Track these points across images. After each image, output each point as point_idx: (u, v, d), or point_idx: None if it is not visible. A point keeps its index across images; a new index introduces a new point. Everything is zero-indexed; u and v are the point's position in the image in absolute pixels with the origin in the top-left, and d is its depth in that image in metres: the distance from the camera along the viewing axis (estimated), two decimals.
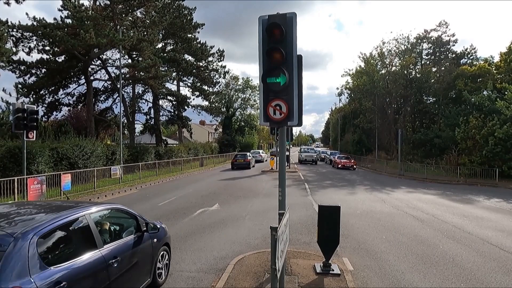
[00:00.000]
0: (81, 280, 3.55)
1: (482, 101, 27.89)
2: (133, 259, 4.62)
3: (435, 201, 14.96)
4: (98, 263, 3.84)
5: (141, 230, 4.96)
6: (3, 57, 16.50)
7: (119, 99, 26.32)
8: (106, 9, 25.95)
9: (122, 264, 4.28)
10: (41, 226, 3.38)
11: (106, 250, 4.06)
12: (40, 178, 12.98)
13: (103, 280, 3.88)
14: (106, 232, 4.46)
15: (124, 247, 4.46)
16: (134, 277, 4.65)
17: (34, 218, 3.67)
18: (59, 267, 3.32)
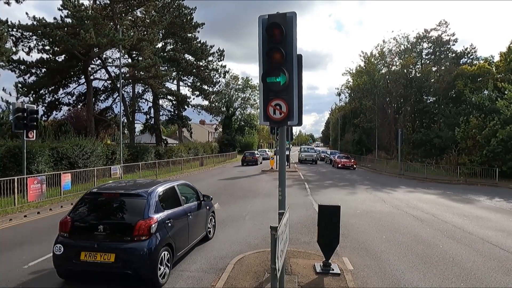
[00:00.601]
0: (177, 219, 6.25)
1: (482, 100, 27.87)
2: (197, 217, 7.27)
3: (435, 201, 14.96)
4: (183, 213, 6.61)
5: (199, 199, 7.65)
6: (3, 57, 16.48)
7: (119, 98, 26.32)
8: (106, 9, 25.94)
9: (193, 218, 6.95)
10: (157, 189, 6.08)
11: (185, 206, 6.82)
12: (40, 177, 12.98)
13: (185, 223, 6.60)
14: (184, 197, 7.04)
15: (193, 207, 7.19)
16: (198, 229, 7.35)
17: (151, 185, 6.21)
18: (168, 211, 6.02)
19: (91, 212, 5.75)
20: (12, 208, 11.26)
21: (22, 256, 6.88)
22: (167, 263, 5.71)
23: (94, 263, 5.13)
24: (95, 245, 5.20)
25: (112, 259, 5.12)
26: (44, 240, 8.08)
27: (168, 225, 5.85)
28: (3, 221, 10.02)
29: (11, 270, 6.16)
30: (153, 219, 5.49)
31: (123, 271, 5.15)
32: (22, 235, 8.60)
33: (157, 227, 5.50)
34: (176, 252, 6.08)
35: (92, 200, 5.89)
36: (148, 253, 5.23)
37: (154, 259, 5.32)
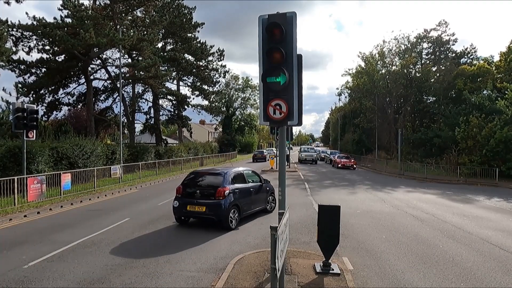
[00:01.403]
0: (242, 191, 9.63)
1: (482, 100, 27.87)
2: (258, 193, 10.64)
3: (435, 201, 14.96)
4: (247, 188, 10.02)
5: (261, 182, 11.02)
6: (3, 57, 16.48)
7: (119, 98, 26.32)
8: (106, 9, 25.92)
9: (255, 193, 10.40)
10: (230, 171, 9.76)
11: (250, 185, 10.25)
12: (40, 177, 12.98)
13: (248, 195, 10.00)
14: (250, 179, 10.52)
15: (255, 185, 10.55)
16: (259, 201, 10.73)
17: (228, 170, 9.89)
18: (236, 185, 9.49)
19: (192, 183, 9.77)
20: (12, 208, 11.26)
21: (22, 256, 6.88)
22: (236, 216, 9.32)
23: (194, 211, 9.16)
24: (195, 201, 9.14)
25: (204, 209, 8.99)
26: (44, 240, 8.09)
27: (237, 193, 9.44)
28: (3, 221, 10.02)
29: (11, 270, 6.16)
30: (226, 188, 9.13)
31: (210, 216, 9.08)
32: (22, 235, 8.60)
33: (229, 193, 9.12)
34: (241, 211, 9.68)
35: (193, 176, 10.12)
36: (223, 207, 8.89)
37: (227, 211, 8.96)
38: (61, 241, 7.87)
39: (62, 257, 6.88)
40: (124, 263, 6.56)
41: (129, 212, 11.50)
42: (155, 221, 10.06)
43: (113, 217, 10.58)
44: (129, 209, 11.99)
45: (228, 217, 8.94)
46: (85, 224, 9.68)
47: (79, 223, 9.86)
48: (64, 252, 7.16)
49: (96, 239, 8.16)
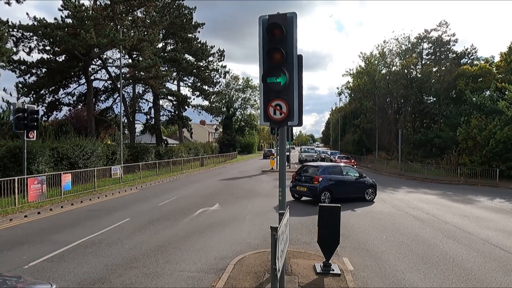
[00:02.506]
0: (336, 181, 13.60)
1: (483, 101, 27.85)
2: (354, 184, 14.04)
3: (436, 201, 14.95)
4: (341, 178, 13.89)
5: (360, 177, 14.35)
6: (4, 57, 16.49)
7: (119, 99, 26.31)
8: (106, 9, 25.93)
9: (350, 183, 13.98)
10: (326, 165, 15.24)
11: (345, 176, 14.06)
12: (40, 178, 12.98)
13: (343, 183, 13.80)
14: (351, 173, 14.34)
15: (350, 178, 14.14)
16: (354, 190, 14.01)
17: (325, 163, 17.35)
18: (331, 175, 13.61)
19: (301, 171, 14.30)
20: (12, 208, 11.26)
21: (22, 256, 6.88)
22: (327, 197, 12.95)
23: (299, 191, 13.86)
24: (301, 184, 13.69)
25: (305, 189, 13.52)
26: (45, 240, 8.09)
27: (330, 181, 13.29)
28: (4, 221, 10.03)
29: (11, 270, 6.16)
30: (320, 176, 13.16)
31: (308, 195, 13.52)
32: (22, 235, 8.60)
33: (322, 180, 13.06)
34: (334, 194, 13.14)
35: (302, 167, 14.76)
36: (317, 189, 12.93)
37: (320, 192, 12.91)
38: (61, 241, 7.88)
39: (63, 257, 6.89)
40: (124, 263, 6.56)
41: (129, 212, 11.50)
42: (155, 222, 10.06)
43: (114, 218, 10.58)
44: (129, 210, 12.00)
45: (320, 196, 12.88)
46: (85, 225, 9.69)
47: (79, 224, 9.87)
48: (65, 252, 7.16)
49: (96, 239, 8.16)
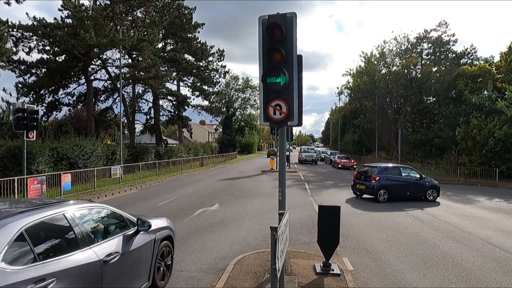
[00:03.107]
0: (394, 180, 14.50)
1: (482, 101, 27.88)
2: (413, 184, 14.66)
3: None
4: (399, 178, 14.62)
5: (421, 178, 14.83)
6: (3, 57, 16.48)
7: (119, 99, 26.31)
8: (106, 9, 25.93)
9: (408, 184, 14.62)
10: (386, 165, 15.50)
11: (404, 176, 14.79)
12: (40, 178, 12.98)
13: (402, 184, 14.56)
14: (410, 173, 15.09)
15: (409, 178, 14.80)
16: (415, 190, 14.75)
17: (384, 165, 15.59)
18: (388, 175, 14.51)
19: (362, 171, 15.48)
20: None
21: None
22: (384, 195, 14.05)
23: (359, 188, 15.11)
24: (360, 182, 15.04)
25: (363, 187, 14.80)
26: None
27: (387, 180, 14.21)
28: None
29: None
30: (378, 176, 14.21)
31: (366, 192, 14.73)
32: None
33: (379, 179, 14.14)
34: (391, 193, 14.12)
35: (363, 168, 15.94)
36: (374, 188, 14.10)
37: (376, 190, 14.05)
38: None
39: None
40: None
41: (129, 212, 11.42)
42: None
43: None
44: (129, 210, 11.96)
45: (377, 194, 14.02)
46: None
47: None
48: None
49: None
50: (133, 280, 4.46)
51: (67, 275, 3.21)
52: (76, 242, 3.56)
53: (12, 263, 2.83)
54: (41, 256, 3.09)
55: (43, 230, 3.33)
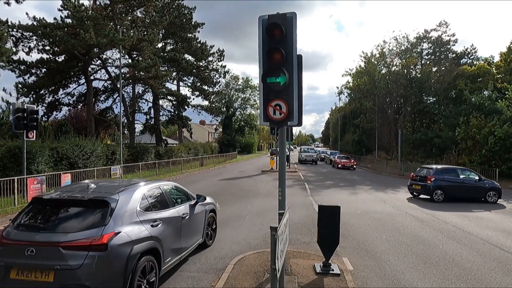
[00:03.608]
0: (450, 181, 14.72)
1: (482, 101, 27.89)
2: (474, 186, 14.76)
3: (435, 201, 14.94)
4: (456, 179, 14.84)
5: (481, 180, 15.00)
6: (3, 57, 16.48)
7: (119, 99, 26.33)
8: (106, 9, 25.94)
9: (465, 185, 14.76)
10: (442, 167, 15.91)
11: (461, 178, 14.92)
12: (40, 178, 12.97)
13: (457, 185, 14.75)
14: (470, 175, 15.18)
15: (467, 180, 14.98)
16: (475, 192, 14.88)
17: (438, 165, 17.04)
18: (445, 176, 14.85)
19: (417, 173, 15.86)
20: (12, 208, 11.25)
21: None
22: (439, 194, 14.35)
23: (415, 188, 15.53)
24: (416, 183, 15.46)
25: (419, 187, 15.24)
26: None
27: (443, 181, 14.51)
28: (3, 222, 10.00)
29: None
30: (433, 177, 14.55)
31: (422, 192, 15.24)
32: None
33: (434, 180, 14.55)
34: (446, 193, 14.29)
35: (418, 169, 16.25)
36: (429, 188, 14.63)
37: (432, 190, 14.49)
38: None
39: None
40: None
41: None
42: None
43: None
44: None
45: (432, 194, 14.43)
46: None
47: None
48: None
49: None
50: (195, 234, 6.69)
51: (165, 221, 5.38)
52: (167, 203, 5.82)
53: (143, 210, 5.04)
54: (153, 208, 5.33)
55: (152, 195, 5.56)
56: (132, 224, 4.64)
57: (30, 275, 4.04)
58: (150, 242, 4.80)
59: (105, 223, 4.31)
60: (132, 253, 4.37)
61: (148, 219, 4.99)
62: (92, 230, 4.22)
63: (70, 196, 4.79)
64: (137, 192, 5.15)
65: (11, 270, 4.09)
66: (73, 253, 4.03)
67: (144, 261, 4.59)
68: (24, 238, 4.21)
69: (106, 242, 4.13)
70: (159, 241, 5.03)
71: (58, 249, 4.03)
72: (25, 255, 4.05)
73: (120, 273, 4.22)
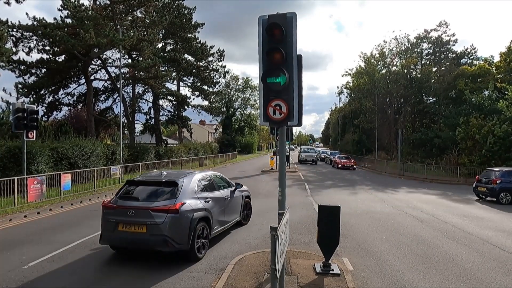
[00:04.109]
0: None
1: (482, 101, 27.88)
2: None
3: (435, 201, 14.97)
4: None
5: None
6: (3, 57, 16.47)
7: (119, 99, 26.32)
8: (106, 9, 25.94)
9: None
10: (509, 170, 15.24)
11: None
12: (40, 178, 12.97)
13: None
14: None
15: None
16: None
17: (506, 168, 16.39)
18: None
19: (484, 175, 15.89)
20: (12, 208, 11.25)
21: (22, 257, 6.88)
22: (506, 198, 14.31)
23: (480, 190, 15.69)
24: (482, 184, 15.51)
25: (484, 189, 15.28)
26: (44, 240, 8.08)
27: (509, 183, 14.21)
28: (3, 221, 10.02)
29: (11, 270, 6.16)
30: (499, 179, 14.36)
31: (488, 194, 15.18)
32: (22, 236, 8.59)
33: (500, 182, 14.32)
34: None
35: (485, 171, 16.63)
36: (495, 190, 14.56)
37: (498, 193, 14.49)
38: (61, 242, 7.87)
39: (62, 257, 6.88)
40: (124, 263, 6.56)
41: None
42: None
43: None
44: None
45: (498, 196, 14.40)
46: (85, 225, 9.67)
47: (79, 224, 9.86)
48: (64, 253, 7.16)
49: (96, 239, 8.13)
50: (234, 213, 8.78)
51: (213, 199, 7.34)
52: (214, 187, 7.89)
53: (199, 190, 7.09)
54: (205, 189, 7.36)
55: (204, 180, 7.64)
56: (193, 198, 6.77)
57: (131, 228, 6.20)
58: (204, 212, 6.85)
59: (176, 196, 6.47)
60: (193, 217, 6.47)
61: (203, 197, 7.09)
62: (168, 200, 6.38)
63: (152, 179, 7.31)
64: (195, 177, 7.32)
65: (119, 224, 6.28)
66: (158, 214, 6.15)
67: (200, 225, 6.67)
68: (126, 204, 6.44)
69: (178, 208, 6.24)
70: (210, 212, 7.04)
71: (148, 212, 6.19)
72: (128, 215, 6.25)
73: (186, 229, 6.28)
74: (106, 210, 6.56)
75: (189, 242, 6.30)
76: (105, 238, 6.56)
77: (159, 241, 6.07)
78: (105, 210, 6.58)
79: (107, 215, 6.51)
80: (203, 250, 6.82)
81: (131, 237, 6.20)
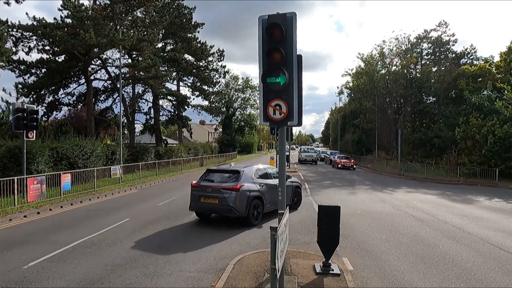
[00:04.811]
0: None
1: (482, 101, 27.89)
2: None
3: (435, 201, 14.96)
4: None
5: None
6: (3, 57, 16.48)
7: (119, 99, 26.31)
8: (106, 9, 25.92)
9: None
10: None
11: None
12: (40, 178, 12.97)
13: None
14: None
15: None
16: None
17: None
18: None
19: None
20: (12, 208, 11.25)
21: (22, 257, 6.88)
22: None
23: None
24: None
25: None
26: (44, 240, 8.09)
27: None
28: (3, 221, 10.02)
29: (11, 270, 6.16)
30: None
31: None
32: (22, 236, 8.60)
33: None
34: None
35: None
36: None
37: None
38: (61, 241, 7.87)
39: (62, 257, 6.89)
40: (124, 263, 6.56)
41: (129, 212, 11.50)
42: (155, 222, 10.06)
43: (113, 218, 10.58)
44: (129, 210, 11.99)
45: None
46: (85, 225, 9.68)
47: (79, 224, 9.86)
48: (64, 253, 7.16)
49: (96, 239, 8.16)
50: (287, 198, 10.32)
51: (266, 185, 10.07)
52: (268, 176, 10.53)
53: (255, 177, 10.03)
54: (260, 178, 10.16)
55: (259, 170, 10.46)
56: (250, 183, 9.57)
57: (208, 200, 9.28)
58: (258, 192, 9.63)
59: (238, 180, 9.34)
60: (250, 195, 9.32)
61: (258, 182, 9.84)
62: (233, 182, 9.31)
63: (223, 168, 10.49)
64: (253, 168, 10.29)
65: (201, 197, 9.40)
66: (226, 191, 9.10)
67: (255, 201, 9.54)
68: (206, 184, 9.55)
69: (239, 188, 9.11)
70: (262, 194, 9.79)
71: (220, 189, 9.19)
72: (207, 191, 9.34)
73: (244, 202, 9.15)
74: (194, 188, 9.64)
75: (246, 211, 9.13)
76: (192, 206, 9.69)
77: (227, 209, 9.06)
78: (193, 188, 9.67)
79: (194, 191, 9.57)
80: (257, 220, 9.57)
81: (208, 206, 9.38)
